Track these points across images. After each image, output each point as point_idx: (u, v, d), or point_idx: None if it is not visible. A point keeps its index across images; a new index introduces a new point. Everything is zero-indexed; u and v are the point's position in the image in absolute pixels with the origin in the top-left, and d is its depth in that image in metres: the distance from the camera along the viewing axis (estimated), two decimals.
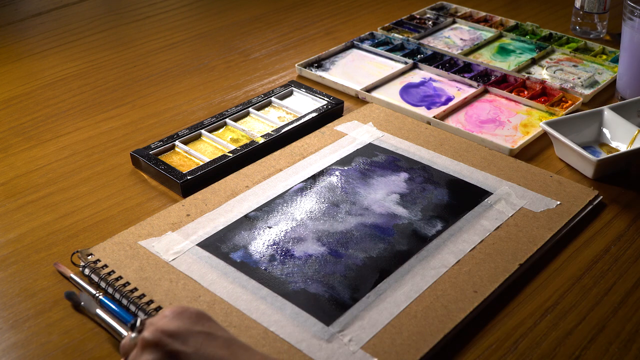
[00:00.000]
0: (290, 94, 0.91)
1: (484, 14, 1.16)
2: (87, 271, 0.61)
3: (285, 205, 0.68)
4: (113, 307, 0.56)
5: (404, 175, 0.73)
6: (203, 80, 0.98)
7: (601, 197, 0.71)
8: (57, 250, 0.65)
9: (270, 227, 0.65)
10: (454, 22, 1.14)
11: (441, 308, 0.56)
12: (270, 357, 0.47)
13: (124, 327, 0.54)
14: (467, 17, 1.16)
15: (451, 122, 0.85)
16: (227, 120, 0.84)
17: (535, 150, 0.80)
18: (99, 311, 0.55)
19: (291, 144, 0.79)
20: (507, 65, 0.99)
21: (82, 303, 0.57)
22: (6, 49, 1.09)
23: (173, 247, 0.63)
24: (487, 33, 1.09)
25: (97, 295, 0.57)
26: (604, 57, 1.01)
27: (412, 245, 0.63)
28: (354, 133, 0.81)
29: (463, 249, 0.62)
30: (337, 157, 0.76)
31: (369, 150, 0.77)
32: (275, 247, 0.63)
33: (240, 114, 0.85)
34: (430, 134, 0.81)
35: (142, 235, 0.64)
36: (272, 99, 0.88)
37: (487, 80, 0.95)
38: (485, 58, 1.01)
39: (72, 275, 0.60)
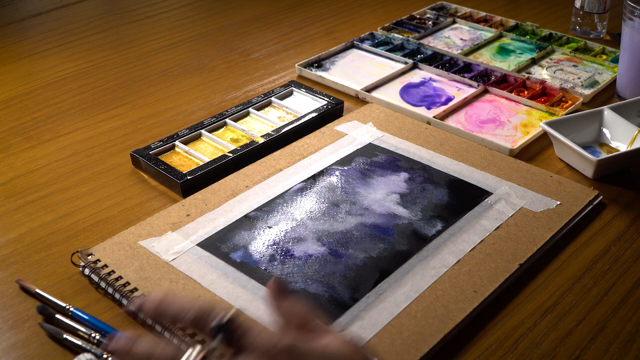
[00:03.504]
0: (290, 94, 0.91)
1: (484, 14, 1.16)
2: (87, 271, 0.61)
3: (285, 205, 0.68)
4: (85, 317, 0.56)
5: (404, 175, 0.73)
6: (203, 80, 0.98)
7: (601, 197, 0.71)
8: (57, 250, 0.65)
9: (270, 227, 0.65)
10: (454, 22, 1.14)
11: (441, 308, 0.56)
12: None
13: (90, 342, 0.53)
14: (467, 17, 1.16)
15: (451, 122, 0.85)
16: (227, 120, 0.84)
17: (535, 150, 0.80)
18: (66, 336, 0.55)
19: (291, 144, 0.79)
20: (507, 65, 0.99)
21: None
22: (6, 49, 1.09)
23: (173, 247, 0.63)
24: (487, 33, 1.09)
25: (67, 307, 0.57)
26: (604, 57, 1.01)
27: (412, 245, 0.63)
28: (354, 133, 0.81)
29: (463, 249, 0.62)
30: (337, 157, 0.76)
31: (369, 150, 0.77)
32: (275, 247, 0.63)
33: (240, 114, 0.85)
34: (430, 134, 0.81)
35: (142, 235, 0.64)
36: (272, 99, 0.88)
37: (487, 80, 0.95)
38: (485, 58, 1.01)
39: (38, 291, 0.59)
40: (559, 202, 0.68)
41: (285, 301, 0.44)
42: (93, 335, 0.54)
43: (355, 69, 0.98)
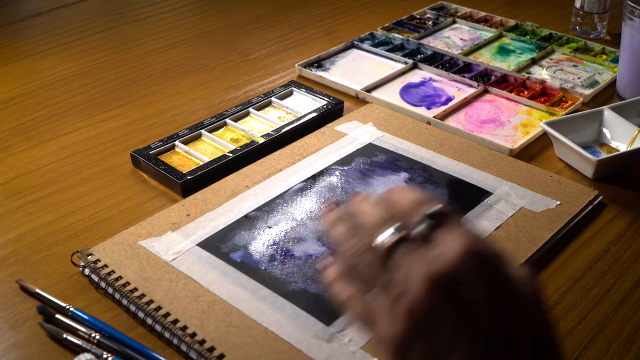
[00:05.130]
0: (290, 94, 0.91)
1: (484, 14, 1.16)
2: (87, 271, 0.61)
3: (285, 205, 0.68)
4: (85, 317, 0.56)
5: (404, 175, 0.73)
6: (203, 80, 0.98)
7: (601, 197, 0.71)
8: (57, 250, 0.65)
9: (270, 227, 0.65)
10: (454, 22, 1.14)
11: None
12: None
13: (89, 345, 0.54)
14: (467, 17, 1.16)
15: (451, 122, 0.85)
16: (227, 120, 0.84)
17: (535, 150, 0.80)
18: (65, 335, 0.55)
19: (291, 144, 0.79)
20: (507, 65, 0.99)
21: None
22: (6, 49, 1.09)
23: (173, 247, 0.63)
24: (487, 33, 1.09)
25: (67, 307, 0.57)
26: (604, 57, 1.01)
27: None
28: (354, 133, 0.81)
29: None
30: (337, 157, 0.76)
31: (369, 150, 0.77)
32: (275, 247, 0.63)
33: (240, 114, 0.85)
34: (430, 134, 0.81)
35: (142, 235, 0.64)
36: (272, 99, 0.88)
37: (487, 80, 0.95)
38: (485, 58, 1.01)
39: (38, 291, 0.59)
40: (559, 202, 0.68)
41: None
42: (93, 335, 0.54)
43: (355, 69, 0.98)
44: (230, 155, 0.76)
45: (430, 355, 0.35)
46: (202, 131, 0.81)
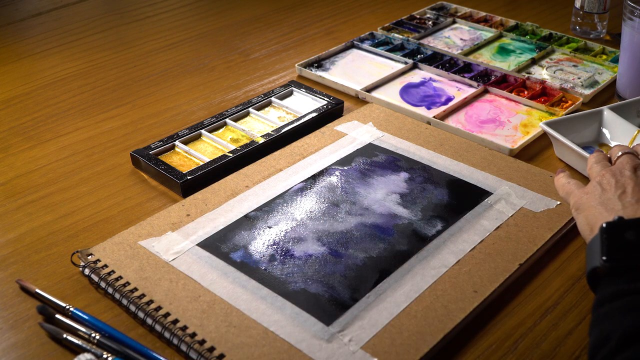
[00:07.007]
0: (290, 94, 0.91)
1: (484, 14, 1.16)
2: (87, 271, 0.61)
3: (285, 205, 0.68)
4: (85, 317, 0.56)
5: (404, 175, 0.73)
6: (203, 80, 0.98)
7: None
8: (57, 250, 0.65)
9: (270, 227, 0.65)
10: (454, 22, 1.14)
11: (441, 308, 0.56)
12: None
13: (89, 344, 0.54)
14: (467, 17, 1.16)
15: (451, 122, 0.85)
16: (227, 120, 0.84)
17: (535, 150, 0.80)
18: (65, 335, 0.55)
19: (291, 144, 0.79)
20: (507, 65, 0.99)
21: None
22: (6, 49, 1.09)
23: (173, 247, 0.63)
24: (487, 33, 1.09)
25: (67, 307, 0.57)
26: (604, 57, 1.01)
27: (412, 245, 0.63)
28: (354, 133, 0.81)
29: (463, 249, 0.62)
30: (337, 157, 0.76)
31: (369, 150, 0.77)
32: (275, 247, 0.63)
33: (240, 114, 0.85)
34: (430, 134, 0.81)
35: (142, 235, 0.64)
36: (272, 99, 0.88)
37: (487, 80, 0.95)
38: (485, 58, 1.01)
39: (38, 291, 0.59)
40: (559, 202, 0.68)
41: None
42: (93, 335, 0.54)
43: (355, 69, 0.98)
44: (230, 155, 0.76)
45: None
46: (202, 131, 0.81)
